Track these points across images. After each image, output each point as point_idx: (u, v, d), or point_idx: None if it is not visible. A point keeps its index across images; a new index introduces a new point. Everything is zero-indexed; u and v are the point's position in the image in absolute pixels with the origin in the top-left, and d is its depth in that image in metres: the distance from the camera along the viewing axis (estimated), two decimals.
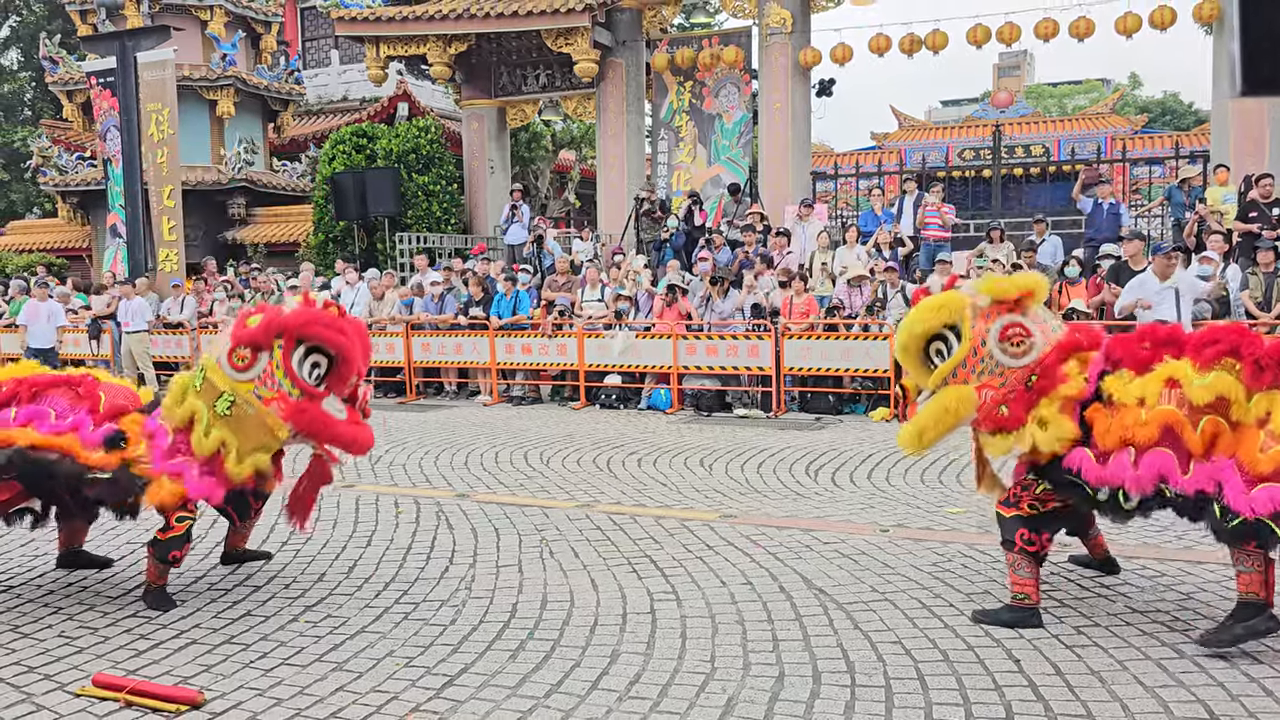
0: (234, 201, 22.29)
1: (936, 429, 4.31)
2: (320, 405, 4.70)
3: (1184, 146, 21.87)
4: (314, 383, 4.68)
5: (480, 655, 4.11)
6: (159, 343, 14.99)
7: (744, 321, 11.69)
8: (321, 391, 4.71)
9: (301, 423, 4.66)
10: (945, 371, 4.29)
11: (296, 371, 4.63)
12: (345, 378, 4.76)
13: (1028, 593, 4.30)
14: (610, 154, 18.26)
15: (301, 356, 4.65)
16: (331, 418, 4.72)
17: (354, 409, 4.86)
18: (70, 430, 4.68)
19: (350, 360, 4.72)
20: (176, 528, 4.75)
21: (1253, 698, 3.52)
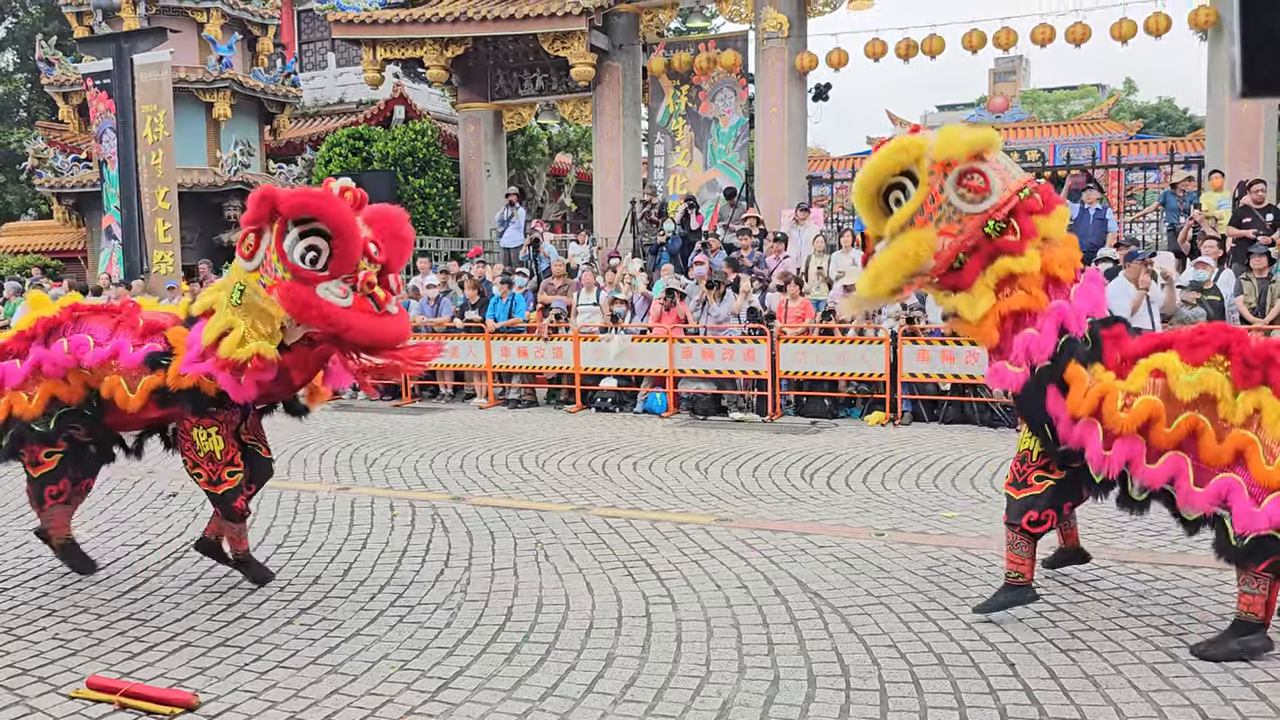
0: (230, 204, 22.26)
1: (893, 273, 4.18)
2: (313, 289, 4.33)
3: (1179, 152, 21.92)
4: (309, 266, 4.34)
5: (475, 658, 4.10)
6: None
7: (740, 325, 11.70)
8: (316, 275, 4.34)
9: (289, 304, 4.34)
10: (903, 217, 4.16)
11: (288, 254, 4.33)
12: (346, 258, 4.34)
13: (1023, 571, 4.34)
14: (607, 157, 18.27)
15: (295, 238, 4.34)
16: (320, 300, 4.34)
17: (362, 297, 4.42)
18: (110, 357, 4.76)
19: (346, 236, 4.31)
20: (229, 481, 4.83)
21: (1246, 702, 3.53)
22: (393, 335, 4.60)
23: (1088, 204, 13.04)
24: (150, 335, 4.82)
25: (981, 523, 6.21)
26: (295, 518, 6.56)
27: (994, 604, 4.40)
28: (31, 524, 6.53)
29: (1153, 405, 3.86)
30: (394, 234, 4.59)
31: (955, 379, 10.43)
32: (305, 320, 4.42)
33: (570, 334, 12.28)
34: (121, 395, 4.78)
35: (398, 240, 4.61)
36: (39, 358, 4.87)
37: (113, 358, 4.78)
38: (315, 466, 8.33)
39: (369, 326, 4.46)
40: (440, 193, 18.67)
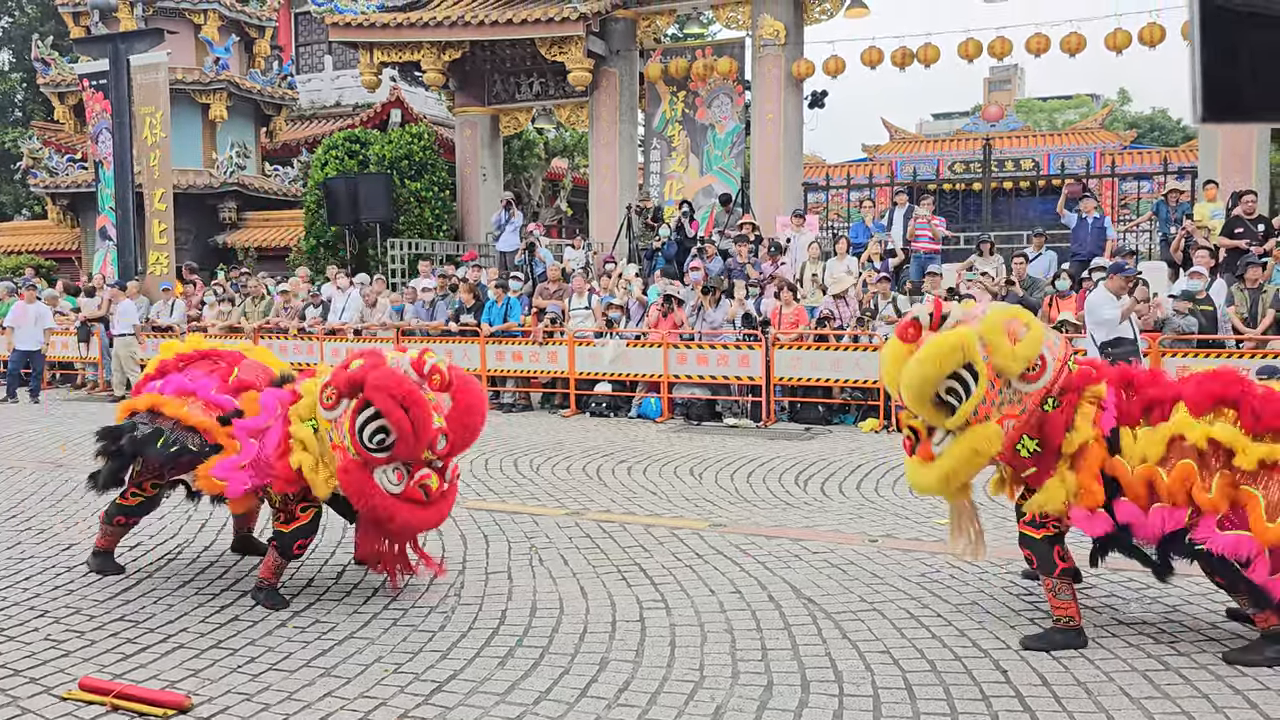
0: (225, 205, 22.25)
1: (966, 471, 4.24)
2: (369, 471, 4.52)
3: (1172, 162, 22.02)
4: (374, 447, 4.48)
5: (469, 662, 4.11)
6: (149, 346, 14.93)
7: (735, 331, 11.72)
8: (377, 458, 4.51)
9: (344, 483, 4.57)
10: (968, 411, 4.09)
11: (356, 432, 4.48)
12: (408, 452, 4.53)
13: (1071, 614, 4.23)
14: (603, 163, 18.30)
15: (369, 417, 4.47)
16: (373, 487, 4.52)
17: (414, 485, 4.62)
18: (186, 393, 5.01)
19: (406, 441, 4.46)
20: (301, 518, 4.86)
21: (1237, 710, 3.55)
22: (428, 525, 4.84)
23: (1085, 213, 13.10)
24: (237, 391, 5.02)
25: None
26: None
27: (1049, 641, 4.24)
28: (20, 526, 6.53)
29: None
30: (468, 423, 4.73)
31: None
32: (353, 499, 4.63)
33: (565, 338, 12.28)
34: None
35: (469, 430, 4.77)
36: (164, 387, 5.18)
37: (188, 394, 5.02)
38: None
39: (409, 520, 4.68)
40: (436, 196, 18.68)
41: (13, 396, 13.96)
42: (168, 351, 5.46)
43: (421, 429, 4.47)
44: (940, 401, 4.14)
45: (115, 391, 14.37)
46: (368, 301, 13.90)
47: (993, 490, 4.68)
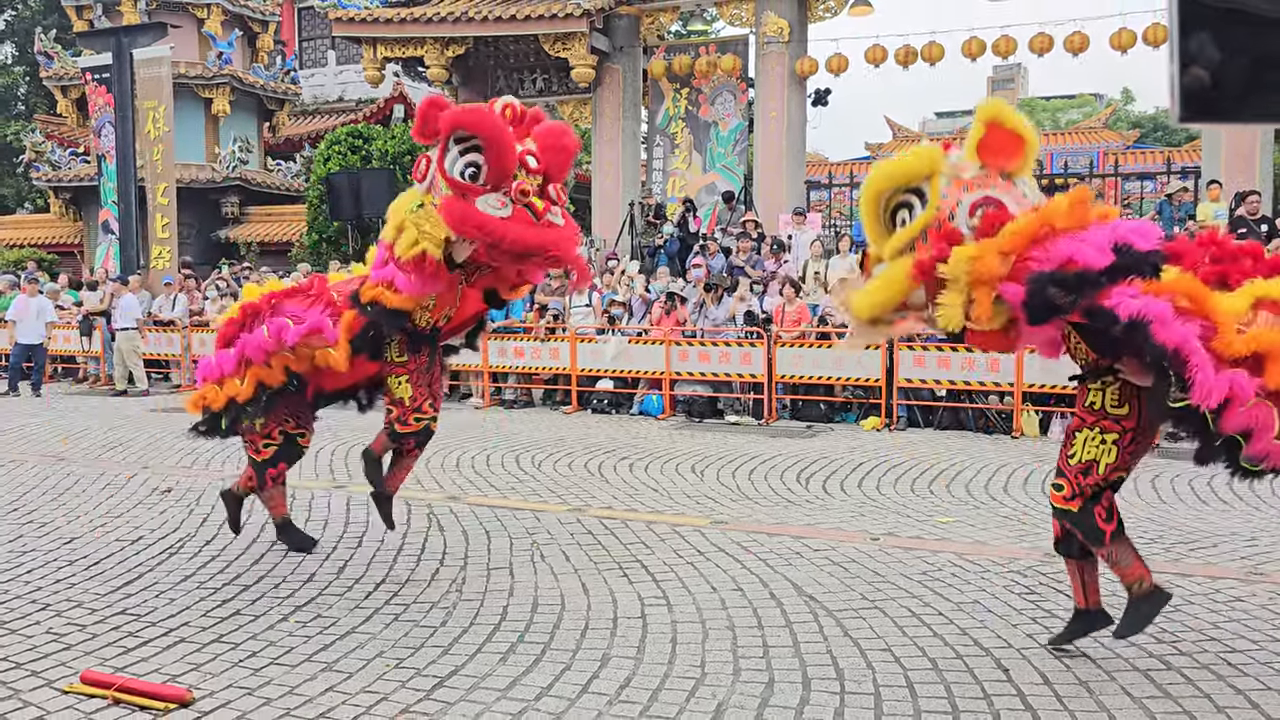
0: (228, 200, 22.27)
1: (878, 302, 3.69)
2: (471, 202, 4.49)
3: (1175, 162, 22.01)
4: (469, 181, 4.52)
5: (470, 657, 4.10)
6: (150, 340, 14.95)
7: (737, 329, 11.72)
8: (475, 188, 4.51)
9: (450, 219, 4.52)
10: (902, 240, 3.63)
11: (449, 170, 4.55)
12: (501, 169, 4.49)
13: (1142, 576, 3.84)
14: (606, 159, 18.28)
15: (456, 155, 4.55)
16: (481, 213, 4.47)
17: (519, 208, 4.53)
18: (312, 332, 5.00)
19: (498, 148, 4.45)
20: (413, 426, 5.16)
21: (1239, 710, 3.55)
22: (546, 242, 4.65)
23: None
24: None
25: (976, 528, 6.23)
26: (290, 515, 6.54)
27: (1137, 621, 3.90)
28: (22, 519, 6.53)
29: None
30: (555, 145, 4.71)
31: (951, 385, 10.45)
32: (462, 231, 4.55)
33: (567, 335, 12.28)
34: (334, 359, 5.02)
35: (558, 151, 4.73)
36: (242, 344, 5.16)
37: (314, 333, 5.01)
38: (311, 464, 8.31)
39: (523, 235, 4.54)
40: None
41: (14, 390, 13.97)
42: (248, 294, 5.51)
43: (502, 137, 4.48)
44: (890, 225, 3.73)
45: (117, 385, 14.38)
46: None
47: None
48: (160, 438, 9.92)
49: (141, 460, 8.70)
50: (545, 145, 4.69)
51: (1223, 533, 6.08)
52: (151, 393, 14.20)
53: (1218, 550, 5.70)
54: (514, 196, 4.55)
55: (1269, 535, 6.01)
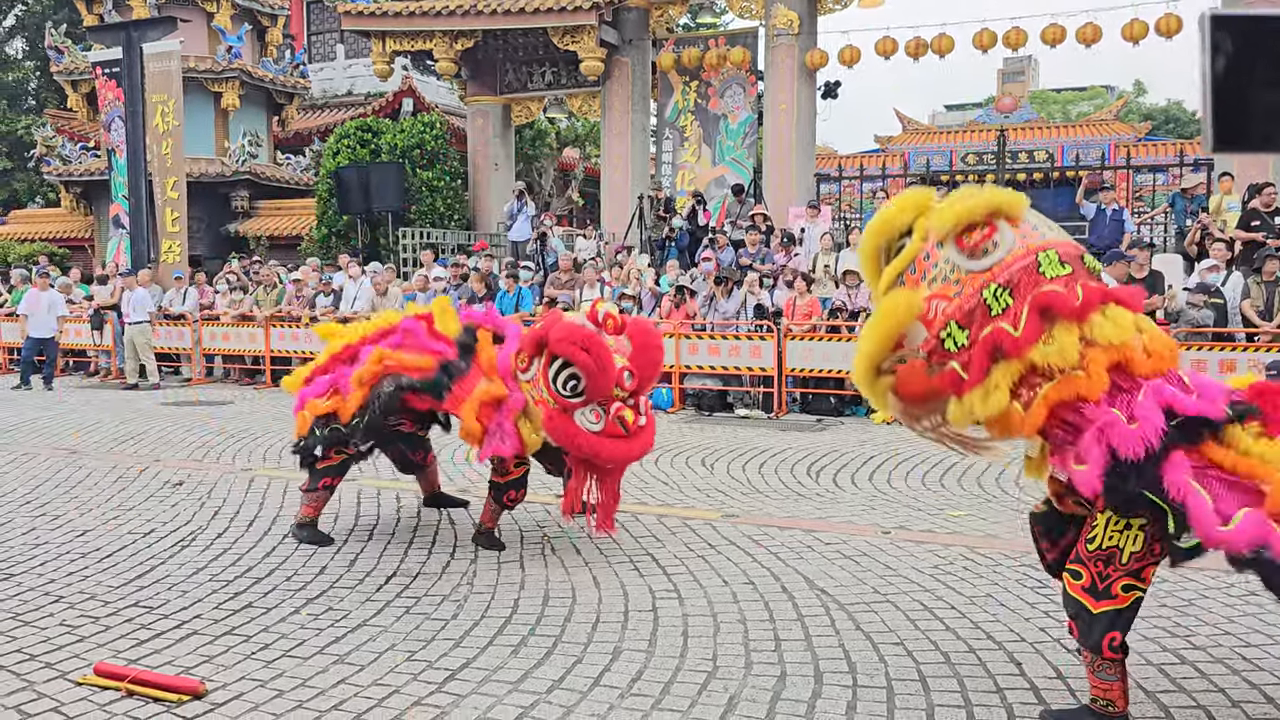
0: (237, 194, 22.29)
1: (872, 343, 3.32)
2: (570, 416, 4.94)
3: (1188, 154, 21.86)
4: (569, 394, 4.91)
5: (482, 650, 4.11)
6: (161, 334, 14.99)
7: (747, 322, 11.69)
8: (573, 403, 4.92)
9: (552, 431, 5.01)
10: (893, 273, 3.34)
11: (550, 384, 4.94)
12: (599, 391, 4.90)
13: (1112, 699, 3.28)
14: (615, 153, 18.26)
15: (559, 368, 4.91)
16: (578, 430, 4.94)
17: (612, 420, 4.99)
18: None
19: (594, 378, 4.84)
20: (514, 473, 5.45)
21: (1254, 704, 3.53)
22: (634, 456, 5.27)
23: (1104, 204, 13.00)
24: None
25: (988, 522, 6.20)
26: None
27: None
28: (35, 512, 6.56)
29: None
30: (648, 359, 5.13)
31: None
32: (560, 443, 5.09)
33: None
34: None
35: (650, 365, 5.17)
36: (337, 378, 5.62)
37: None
38: None
39: (614, 452, 5.06)
40: (448, 185, 18.68)
41: (26, 384, 14.03)
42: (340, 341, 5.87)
43: (605, 366, 4.85)
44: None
45: (128, 379, 14.42)
46: (379, 290, 13.90)
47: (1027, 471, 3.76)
48: (171, 431, 9.95)
49: (153, 454, 8.73)
50: (640, 357, 5.09)
51: None
52: (162, 386, 14.24)
53: None
54: (611, 415, 5.00)
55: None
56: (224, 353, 15.01)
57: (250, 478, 7.58)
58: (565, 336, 4.88)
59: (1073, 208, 15.31)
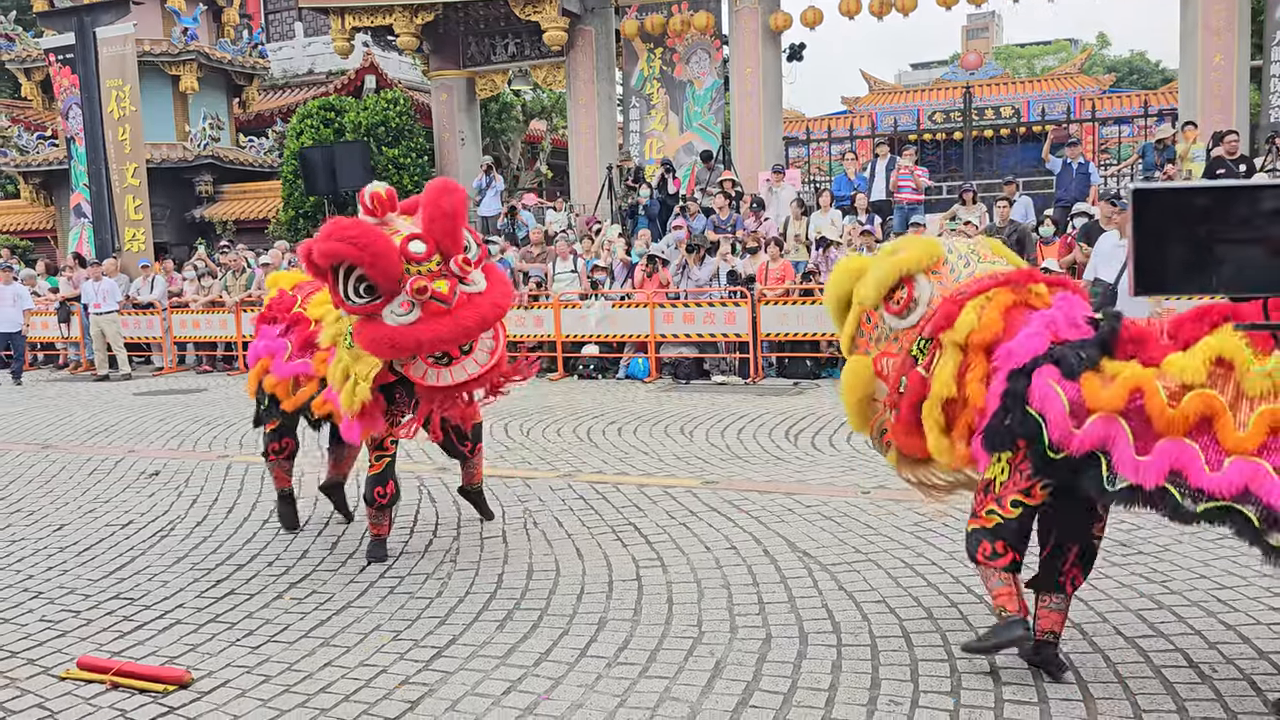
0: (201, 179, 21.97)
1: (847, 405, 3.79)
2: (378, 320, 4.31)
3: (1152, 105, 21.97)
4: (367, 298, 4.29)
5: (467, 626, 4.11)
6: (129, 323, 14.81)
7: (721, 289, 11.69)
8: (375, 305, 4.30)
9: (367, 345, 4.36)
10: (845, 341, 3.81)
11: (343, 297, 4.33)
12: (381, 281, 4.23)
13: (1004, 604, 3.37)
14: (582, 123, 18.12)
15: (343, 278, 4.29)
16: (388, 328, 4.28)
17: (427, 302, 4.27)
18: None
19: (373, 263, 4.17)
20: (376, 465, 4.97)
21: (1229, 644, 3.59)
22: (469, 327, 4.38)
23: (1070, 159, 13.06)
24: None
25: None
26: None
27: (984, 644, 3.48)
28: (10, 508, 6.49)
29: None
30: (437, 214, 4.37)
31: None
32: (382, 355, 4.39)
33: (550, 302, 12.23)
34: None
35: (441, 219, 4.37)
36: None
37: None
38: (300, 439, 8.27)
39: (439, 332, 4.30)
40: (415, 162, 18.50)
41: None
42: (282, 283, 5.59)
43: (375, 247, 4.19)
44: None
45: (99, 371, 14.26)
46: None
47: None
48: (145, 422, 9.86)
49: (128, 444, 8.65)
50: (428, 218, 4.38)
51: None
52: (134, 376, 14.09)
53: None
54: (413, 297, 4.26)
55: None
56: (195, 340, 14.86)
57: (227, 464, 7.53)
58: (321, 240, 4.25)
59: (1039, 162, 15.39)
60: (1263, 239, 2.15)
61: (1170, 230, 2.17)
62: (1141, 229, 2.17)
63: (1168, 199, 2.20)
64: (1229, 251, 2.17)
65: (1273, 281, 2.22)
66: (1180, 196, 2.22)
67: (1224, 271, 2.19)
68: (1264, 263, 2.18)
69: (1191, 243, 2.17)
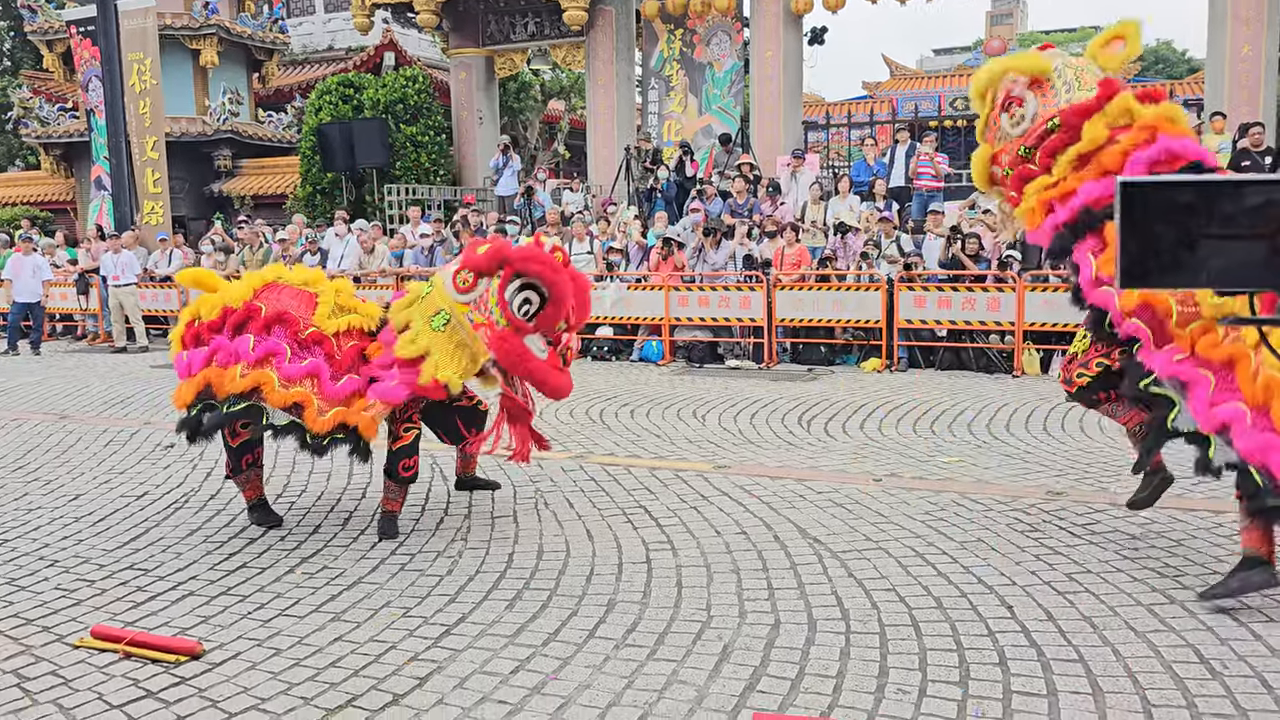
0: (219, 153, 22.03)
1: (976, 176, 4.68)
2: (523, 339, 4.78)
3: (1178, 95, 21.73)
4: (522, 317, 4.76)
5: (477, 605, 4.13)
6: (147, 296, 14.89)
7: (736, 273, 11.65)
8: (528, 326, 4.78)
9: (501, 351, 4.76)
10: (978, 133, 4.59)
11: (508, 302, 4.74)
12: (553, 319, 4.81)
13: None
14: (600, 104, 18.05)
15: (515, 290, 4.75)
16: (530, 353, 4.80)
17: (555, 352, 4.94)
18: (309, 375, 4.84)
19: (560, 301, 4.76)
20: (404, 438, 5.05)
21: (1241, 642, 3.57)
22: (568, 390, 5.07)
23: None
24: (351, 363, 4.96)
25: (979, 468, 6.24)
26: (294, 468, 6.57)
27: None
28: (27, 477, 6.54)
29: None
30: (584, 301, 5.04)
31: (951, 325, 10.42)
32: (511, 367, 4.85)
33: None
34: (311, 415, 4.77)
35: (585, 307, 5.08)
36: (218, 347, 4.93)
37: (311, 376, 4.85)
38: None
39: (559, 384, 4.96)
40: (432, 140, 18.47)
41: (14, 349, 13.94)
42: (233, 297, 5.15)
43: (567, 292, 4.78)
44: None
45: (116, 343, 14.35)
46: (365, 248, 13.81)
47: None
48: (162, 394, 9.91)
49: (144, 416, 8.71)
50: (580, 298, 4.97)
51: None
52: (151, 349, 14.17)
53: (1220, 484, 5.70)
54: (560, 348, 4.98)
55: None
56: None
57: None
58: (532, 257, 4.76)
59: None
60: (1250, 234, 2.16)
61: (1157, 224, 2.18)
62: (1128, 222, 2.17)
63: (1155, 192, 2.21)
64: (1217, 246, 2.18)
65: (1260, 277, 2.23)
66: (1167, 190, 2.22)
67: (1212, 266, 2.20)
68: (1252, 258, 2.19)
69: (1179, 237, 2.17)
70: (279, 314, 4.93)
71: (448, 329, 4.80)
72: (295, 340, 4.88)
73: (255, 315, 4.92)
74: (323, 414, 4.76)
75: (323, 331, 4.91)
